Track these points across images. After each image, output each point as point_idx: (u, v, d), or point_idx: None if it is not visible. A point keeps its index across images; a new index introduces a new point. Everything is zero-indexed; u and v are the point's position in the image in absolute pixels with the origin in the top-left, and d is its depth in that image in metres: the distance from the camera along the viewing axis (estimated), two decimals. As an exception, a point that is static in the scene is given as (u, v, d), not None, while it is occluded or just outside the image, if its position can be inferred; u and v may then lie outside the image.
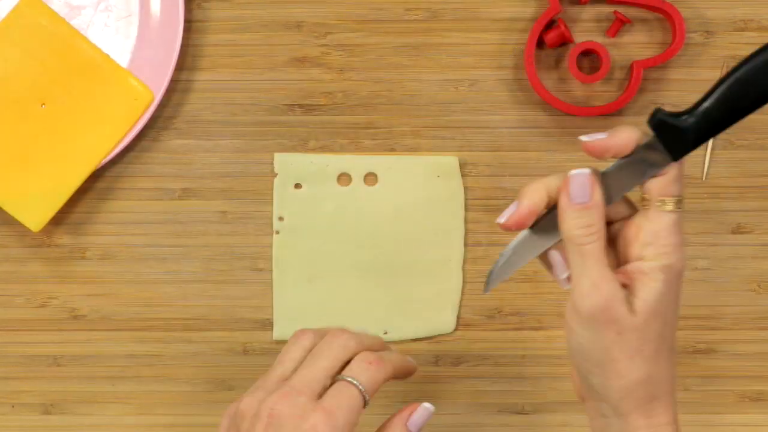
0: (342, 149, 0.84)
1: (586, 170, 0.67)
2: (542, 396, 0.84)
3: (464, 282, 0.84)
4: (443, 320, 0.84)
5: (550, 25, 0.83)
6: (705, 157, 0.83)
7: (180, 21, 0.81)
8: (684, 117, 0.65)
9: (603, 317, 0.65)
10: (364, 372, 0.71)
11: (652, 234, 0.66)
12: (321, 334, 0.73)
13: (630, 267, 0.66)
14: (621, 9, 0.83)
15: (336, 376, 0.71)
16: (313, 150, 0.84)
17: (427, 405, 0.72)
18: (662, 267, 0.66)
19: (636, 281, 0.66)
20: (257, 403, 0.70)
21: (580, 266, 0.66)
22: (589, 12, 0.84)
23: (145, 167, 0.84)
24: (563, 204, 0.66)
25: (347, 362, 0.71)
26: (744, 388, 0.84)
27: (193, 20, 0.84)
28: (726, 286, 0.84)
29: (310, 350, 0.72)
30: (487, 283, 0.70)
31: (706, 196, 0.84)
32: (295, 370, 0.72)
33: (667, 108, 0.83)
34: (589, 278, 0.65)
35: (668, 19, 0.82)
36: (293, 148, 0.84)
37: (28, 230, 0.83)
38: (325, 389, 0.70)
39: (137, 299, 0.84)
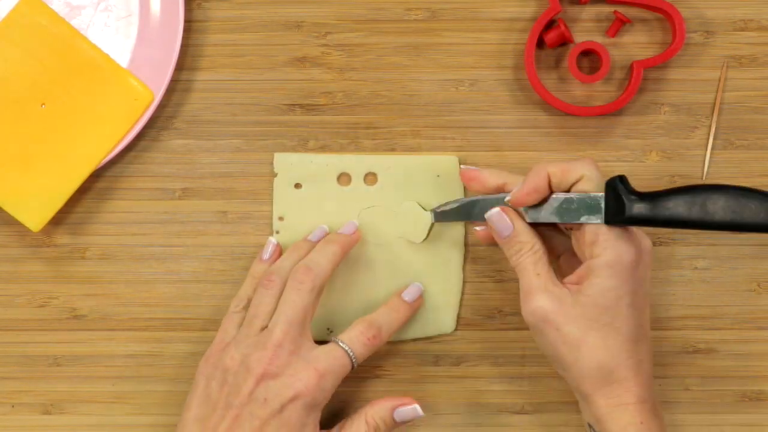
0: (342, 149, 0.84)
1: (496, 209, 0.76)
2: (542, 396, 0.84)
3: (464, 282, 0.84)
4: (443, 320, 0.84)
5: (550, 25, 0.83)
6: (705, 157, 0.83)
7: (180, 21, 0.81)
8: (635, 198, 0.70)
9: (539, 319, 0.73)
10: (361, 346, 0.77)
11: (593, 233, 0.72)
12: (284, 276, 0.78)
13: (581, 268, 0.72)
14: (621, 9, 0.83)
15: (332, 336, 0.77)
16: (313, 150, 0.84)
17: (418, 407, 0.78)
18: (608, 262, 0.71)
19: (585, 279, 0.72)
20: (243, 357, 0.75)
21: (520, 281, 0.74)
22: (589, 12, 0.84)
23: (145, 167, 0.84)
24: (496, 239, 0.76)
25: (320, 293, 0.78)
26: (744, 388, 0.84)
27: (193, 20, 0.84)
28: (726, 286, 0.84)
29: (279, 294, 0.77)
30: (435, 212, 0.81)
31: (706, 196, 0.84)
32: (270, 317, 0.77)
33: (666, 108, 0.83)
34: (523, 289, 0.74)
35: (668, 19, 0.82)
36: (293, 148, 0.84)
37: (28, 230, 0.83)
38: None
39: (137, 299, 0.84)
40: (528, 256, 0.74)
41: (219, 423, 0.74)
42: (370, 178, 0.84)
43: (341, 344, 0.77)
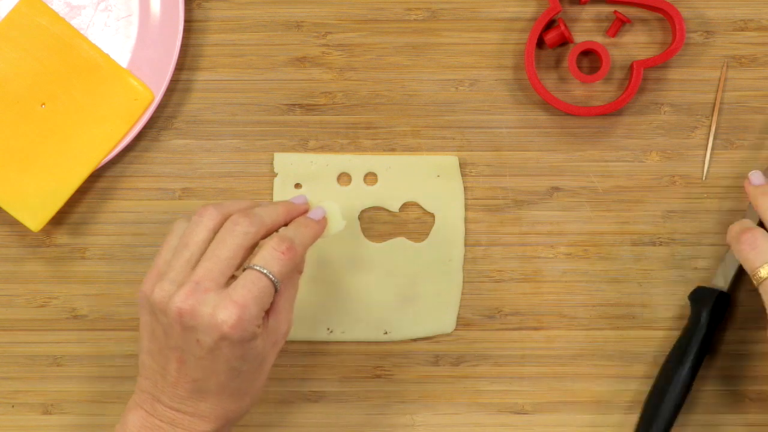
0: (342, 149, 0.84)
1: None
2: (542, 396, 0.84)
3: (464, 282, 0.84)
4: (444, 320, 0.84)
5: (550, 25, 0.83)
6: (705, 157, 0.83)
7: (180, 21, 0.81)
8: None
9: None
10: (275, 262, 0.71)
11: None
12: (224, 212, 0.73)
13: None
14: (621, 9, 0.83)
15: (245, 264, 0.72)
16: (313, 150, 0.84)
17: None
18: None
19: None
20: (167, 295, 0.70)
21: None
22: (589, 12, 0.84)
23: (145, 167, 0.84)
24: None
25: (252, 246, 0.72)
26: (744, 388, 0.84)
27: (193, 20, 0.84)
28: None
29: (214, 230, 0.72)
30: None
31: (706, 196, 0.83)
32: (202, 252, 0.71)
33: (666, 108, 0.83)
34: None
35: (668, 19, 0.82)
36: (293, 148, 0.84)
37: (28, 230, 0.83)
38: (231, 278, 0.71)
39: (137, 299, 0.84)
40: None
41: (168, 363, 0.72)
42: (370, 178, 0.84)
43: (255, 267, 0.71)
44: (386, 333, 0.84)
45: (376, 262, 0.84)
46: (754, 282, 0.72)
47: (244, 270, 0.71)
